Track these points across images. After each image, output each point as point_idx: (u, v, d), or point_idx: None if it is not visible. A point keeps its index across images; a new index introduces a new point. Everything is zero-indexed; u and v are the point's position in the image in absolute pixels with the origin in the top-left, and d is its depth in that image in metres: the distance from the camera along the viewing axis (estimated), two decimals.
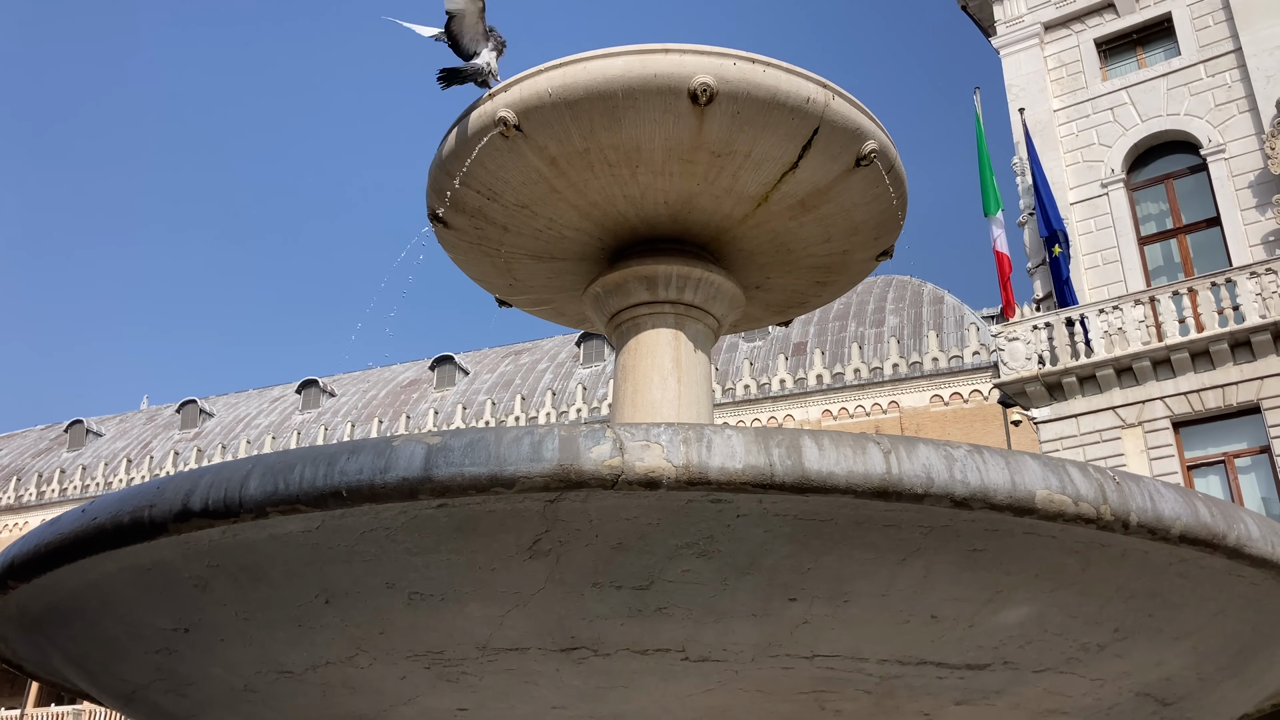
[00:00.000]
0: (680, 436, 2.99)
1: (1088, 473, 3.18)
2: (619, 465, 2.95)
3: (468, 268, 6.85)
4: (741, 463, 2.96)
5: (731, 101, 5.37)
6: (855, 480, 2.96)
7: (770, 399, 43.15)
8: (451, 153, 5.95)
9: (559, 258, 6.56)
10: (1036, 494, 3.07)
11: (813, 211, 6.01)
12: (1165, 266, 22.38)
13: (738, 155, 5.62)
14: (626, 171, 5.76)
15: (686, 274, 6.10)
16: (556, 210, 6.11)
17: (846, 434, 3.08)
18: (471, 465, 3.00)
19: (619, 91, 5.37)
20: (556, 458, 2.97)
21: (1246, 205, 21.29)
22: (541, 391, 49.26)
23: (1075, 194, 23.14)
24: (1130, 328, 20.72)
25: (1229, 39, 22.27)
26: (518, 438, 3.02)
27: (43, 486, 56.98)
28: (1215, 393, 20.26)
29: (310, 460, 3.17)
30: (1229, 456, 20.38)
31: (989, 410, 38.64)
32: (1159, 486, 3.27)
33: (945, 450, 3.07)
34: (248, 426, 56.92)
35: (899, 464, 2.99)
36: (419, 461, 3.03)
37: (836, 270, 6.57)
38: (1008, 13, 25.06)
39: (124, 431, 61.94)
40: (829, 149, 5.65)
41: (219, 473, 3.32)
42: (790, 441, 3.01)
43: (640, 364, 6.02)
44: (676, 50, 5.37)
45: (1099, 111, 23.37)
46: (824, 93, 5.49)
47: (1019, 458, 3.13)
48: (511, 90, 5.61)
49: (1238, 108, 21.85)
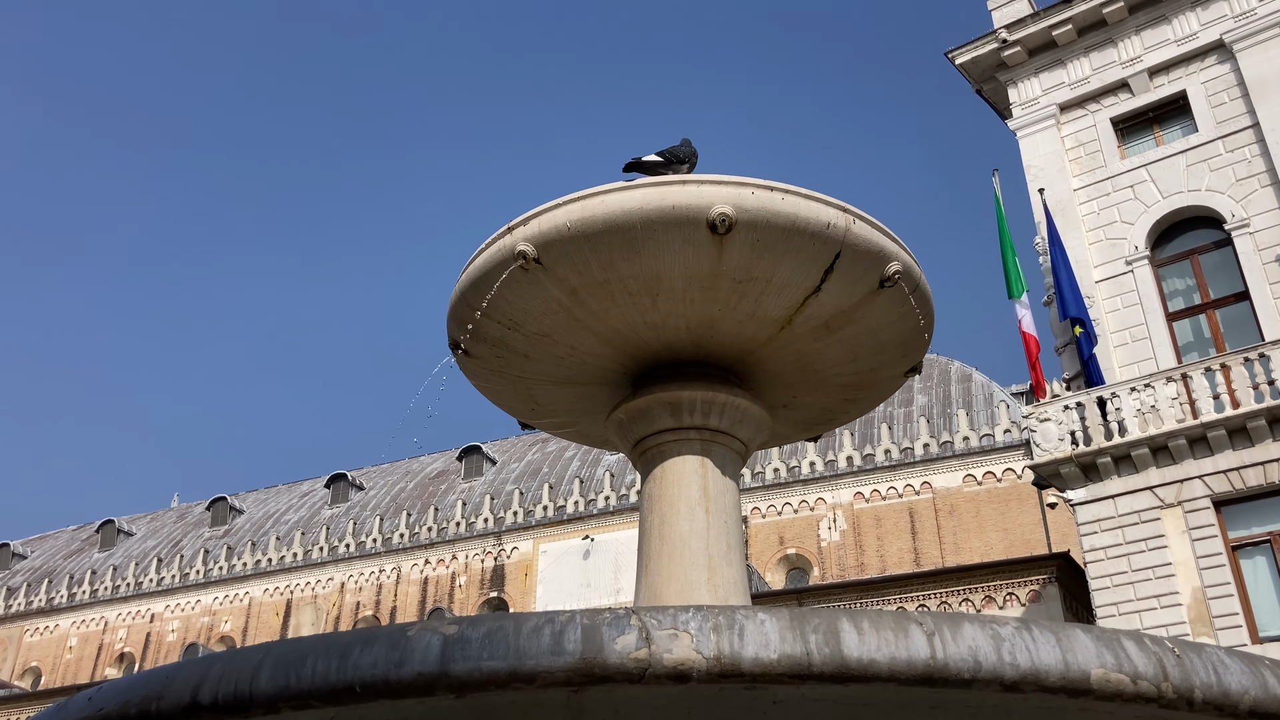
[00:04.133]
0: (710, 623, 2.84)
1: (1144, 646, 2.98)
2: (645, 658, 2.80)
3: (490, 393, 6.78)
4: (776, 652, 2.80)
5: (751, 230, 5.32)
6: (898, 668, 2.80)
7: (800, 482, 42.67)
8: (472, 285, 5.92)
9: (581, 383, 6.47)
10: (1091, 674, 2.88)
11: (837, 333, 5.92)
12: (1195, 342, 22.08)
13: (759, 281, 5.55)
14: (647, 300, 5.69)
15: (711, 399, 5.99)
16: (577, 338, 6.04)
17: (887, 613, 2.91)
18: (490, 659, 2.86)
19: (638, 224, 5.33)
20: (579, 650, 2.83)
21: (1275, 279, 21.05)
22: (569, 480, 49.00)
23: (1100, 272, 22.98)
24: (1164, 405, 20.36)
25: (1246, 114, 22.26)
26: (538, 628, 2.88)
27: (74, 588, 56.92)
28: (1256, 470, 19.78)
29: (323, 652, 3.04)
30: (1274, 535, 19.81)
31: (1023, 489, 37.99)
32: (1222, 656, 3.07)
33: (992, 629, 2.89)
34: (277, 523, 56.84)
35: (944, 647, 2.82)
36: (435, 655, 2.89)
37: (864, 388, 6.45)
38: (1023, 95, 25.23)
39: (155, 530, 62.00)
40: (852, 272, 5.57)
41: (229, 663, 3.19)
42: (828, 625, 2.85)
43: (667, 493, 5.88)
44: (694, 181, 5.34)
45: (1119, 190, 23.32)
46: (844, 217, 5.43)
47: (1070, 633, 2.95)
48: (530, 224, 5.59)
49: (1259, 182, 21.74)
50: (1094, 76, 24.35)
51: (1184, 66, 23.49)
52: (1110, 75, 24.12)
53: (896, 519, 40.42)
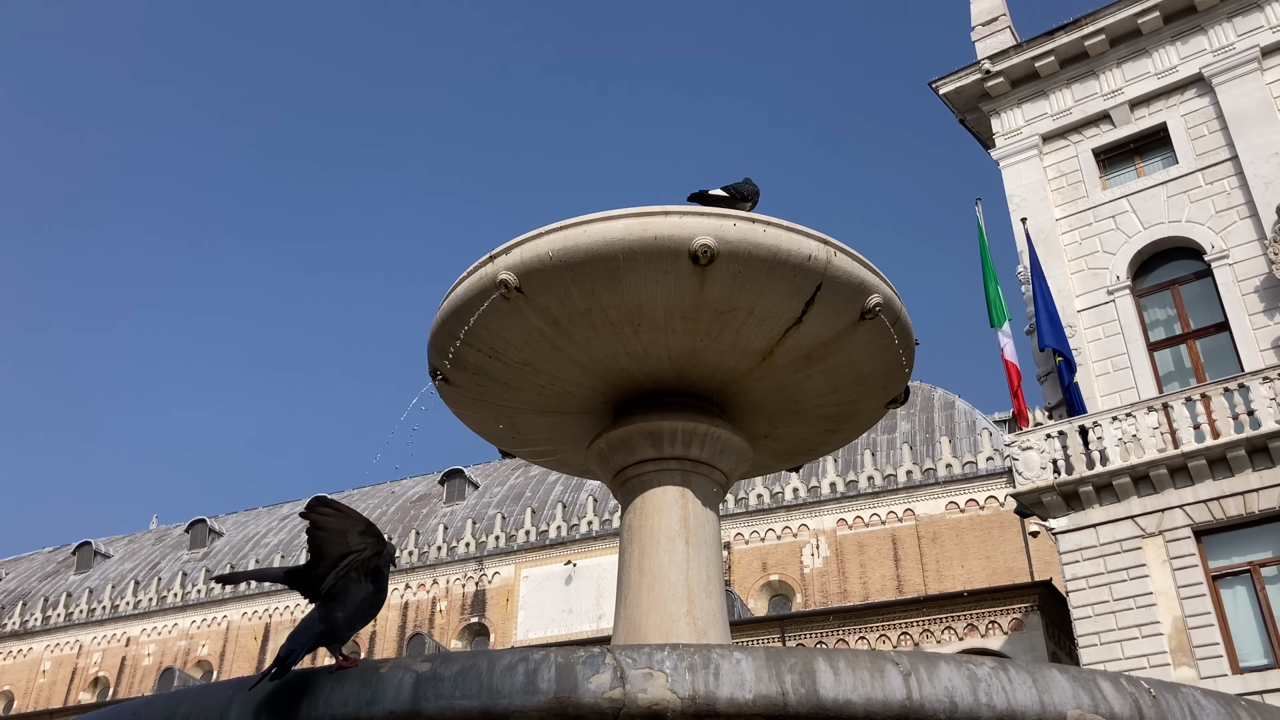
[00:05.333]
0: (686, 663, 2.81)
1: (1120, 687, 2.98)
2: (619, 697, 2.77)
3: (470, 421, 6.75)
4: (752, 692, 2.77)
5: (733, 261, 5.32)
6: (874, 708, 2.78)
7: (783, 508, 42.64)
8: (453, 313, 5.90)
9: (562, 412, 6.45)
10: (1068, 715, 2.88)
11: (819, 364, 5.92)
12: (1176, 372, 22.21)
13: (741, 312, 5.56)
14: (629, 330, 5.69)
15: (692, 429, 5.98)
16: (559, 367, 6.03)
17: (863, 653, 2.89)
18: (462, 698, 2.83)
19: (620, 254, 5.33)
20: (553, 689, 2.80)
21: (1254, 310, 21.22)
22: (552, 504, 48.82)
23: (1082, 301, 23.13)
24: (1145, 435, 20.45)
25: (1225, 147, 22.51)
26: (511, 666, 2.85)
27: (48, 611, 56.25)
28: (1236, 500, 19.86)
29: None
30: (1254, 565, 19.88)
31: (1005, 517, 38.05)
32: (1198, 697, 3.06)
33: (968, 669, 2.88)
34: (257, 545, 56.38)
35: (920, 688, 2.81)
36: (407, 693, 2.86)
37: (845, 419, 6.45)
38: (1006, 125, 25.45)
39: (133, 552, 61.40)
40: (833, 304, 5.58)
41: (199, 700, 3.14)
42: (804, 665, 2.83)
43: (647, 524, 5.85)
44: (676, 212, 5.35)
45: (1101, 220, 23.51)
46: (825, 249, 5.44)
47: (1047, 674, 2.94)
48: (512, 253, 5.58)
49: (1238, 214, 21.96)
50: (1076, 108, 24.60)
51: (1164, 99, 23.76)
52: (1092, 106, 24.37)
53: (879, 546, 40.40)
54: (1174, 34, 23.91)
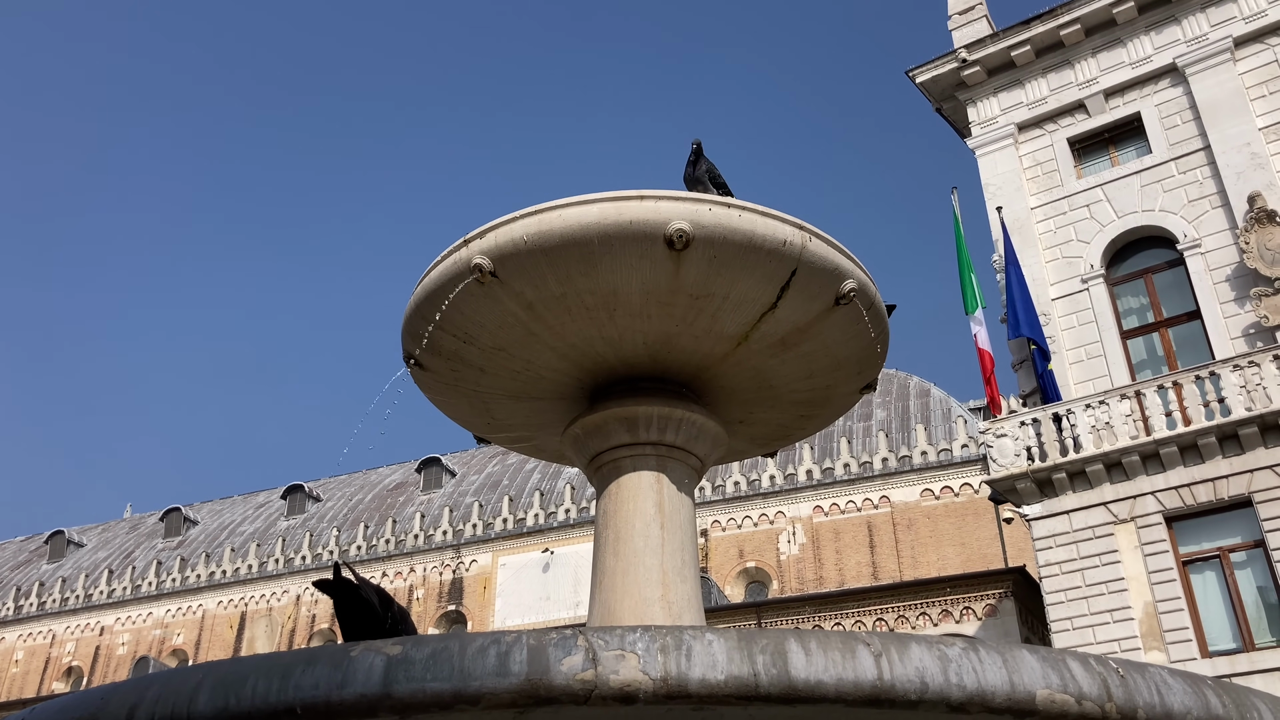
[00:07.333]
0: (658, 644, 2.82)
1: (1089, 667, 3.00)
2: (591, 679, 2.77)
3: (445, 407, 6.72)
4: (724, 673, 2.78)
5: (708, 246, 5.32)
6: (845, 689, 2.79)
7: (760, 495, 42.78)
8: (427, 297, 5.86)
9: (537, 397, 6.43)
10: (1037, 694, 2.90)
11: (794, 349, 5.93)
12: (1149, 360, 22.42)
13: (716, 297, 5.55)
14: (604, 315, 5.67)
15: (668, 415, 5.97)
16: (534, 352, 6.00)
17: (835, 634, 2.90)
18: (434, 680, 2.82)
19: (595, 238, 5.31)
20: (525, 671, 2.79)
21: (1225, 298, 21.44)
22: (529, 492, 48.79)
23: (1056, 289, 23.30)
24: (1118, 422, 20.65)
25: (1198, 137, 22.70)
26: (483, 649, 2.84)
27: (20, 600, 55.77)
28: (1206, 486, 20.09)
29: (263, 672, 2.98)
30: (1224, 551, 20.13)
31: (980, 504, 38.34)
32: (1165, 677, 3.09)
33: (939, 650, 2.89)
34: (232, 534, 56.05)
35: (891, 668, 2.82)
36: (378, 676, 2.85)
37: (820, 404, 6.46)
38: (982, 114, 25.56)
39: (106, 541, 60.91)
40: (808, 289, 5.58)
41: (167, 683, 3.12)
42: (775, 646, 2.83)
43: (622, 509, 5.85)
44: (652, 196, 5.33)
45: (1075, 209, 23.67)
46: (801, 234, 5.44)
47: (1017, 654, 2.96)
48: (487, 237, 5.54)
49: (1210, 203, 22.16)
50: (1051, 97, 24.73)
51: (1138, 89, 23.92)
52: (1067, 96, 24.51)
53: (855, 532, 40.63)
54: (1148, 24, 24.07)
